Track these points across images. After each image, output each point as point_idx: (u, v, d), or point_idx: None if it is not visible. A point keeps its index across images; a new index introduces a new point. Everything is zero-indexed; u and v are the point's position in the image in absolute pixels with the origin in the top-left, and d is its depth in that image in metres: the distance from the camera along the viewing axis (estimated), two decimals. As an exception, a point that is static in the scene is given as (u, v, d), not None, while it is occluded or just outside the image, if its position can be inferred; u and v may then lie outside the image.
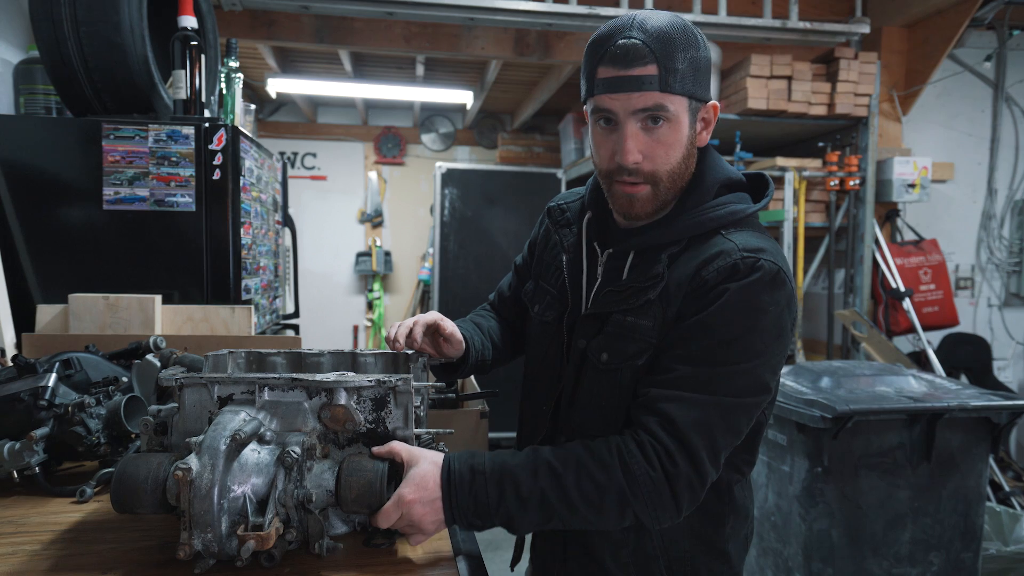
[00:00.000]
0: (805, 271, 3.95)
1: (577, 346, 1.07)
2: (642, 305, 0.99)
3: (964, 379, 4.04)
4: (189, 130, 1.94)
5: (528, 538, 1.22)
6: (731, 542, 1.08)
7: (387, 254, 6.18)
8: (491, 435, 1.33)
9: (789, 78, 3.60)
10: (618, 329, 1.01)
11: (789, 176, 3.65)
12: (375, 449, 0.94)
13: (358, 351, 1.22)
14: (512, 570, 1.29)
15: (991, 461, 3.38)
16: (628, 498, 0.91)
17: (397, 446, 0.94)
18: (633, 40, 0.93)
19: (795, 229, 3.72)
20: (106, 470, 1.17)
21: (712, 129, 1.04)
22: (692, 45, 0.95)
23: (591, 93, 0.98)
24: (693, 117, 0.99)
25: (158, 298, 1.80)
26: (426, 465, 0.92)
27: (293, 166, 6.07)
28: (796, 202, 3.72)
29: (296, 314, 2.89)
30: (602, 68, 0.96)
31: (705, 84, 0.98)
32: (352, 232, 6.22)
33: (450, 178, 4.97)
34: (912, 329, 3.82)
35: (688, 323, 0.95)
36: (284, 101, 5.92)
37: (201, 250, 1.96)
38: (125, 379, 1.31)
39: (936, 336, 4.10)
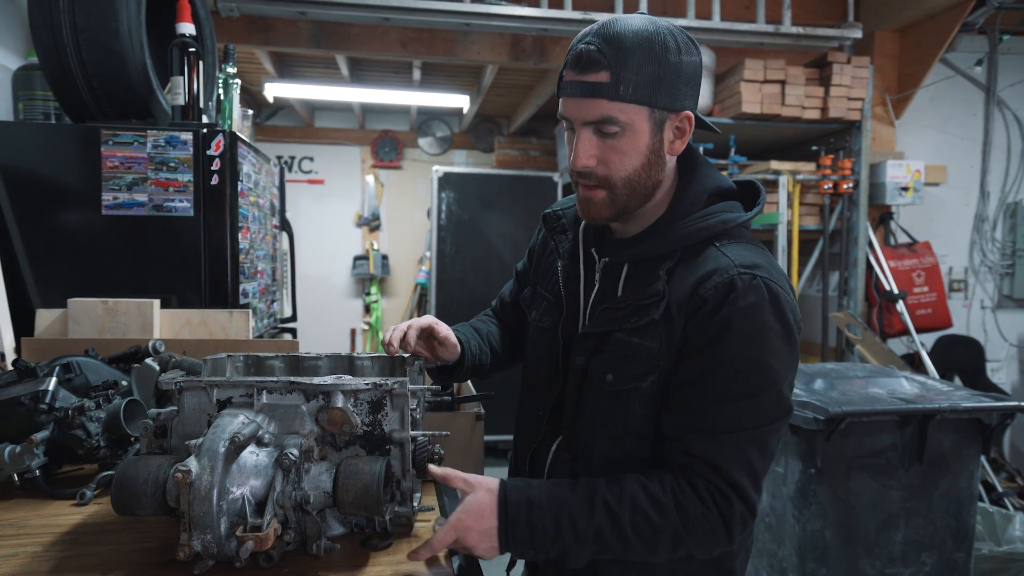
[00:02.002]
0: (799, 274, 3.97)
1: (576, 363, 1.06)
2: (646, 325, 0.98)
3: (958, 381, 4.06)
4: (187, 136, 1.95)
5: None
6: (738, 558, 1.09)
7: (384, 258, 6.19)
8: (487, 438, 1.35)
9: (783, 82, 3.63)
10: (622, 349, 1.00)
11: (783, 180, 3.68)
12: (431, 469, 0.98)
13: (355, 354, 1.23)
14: (508, 574, 1.29)
15: (984, 462, 3.40)
16: (683, 538, 0.94)
17: (452, 473, 0.97)
18: (589, 46, 0.93)
19: (789, 232, 3.74)
20: (106, 473, 1.19)
21: (687, 138, 1.02)
22: (659, 54, 0.92)
23: (558, 95, 1.00)
24: (657, 126, 0.97)
25: (156, 302, 1.81)
26: (482, 493, 0.95)
27: (290, 170, 6.08)
28: (790, 205, 3.75)
29: (294, 318, 2.90)
30: (566, 70, 0.98)
31: (674, 94, 0.95)
32: (349, 236, 6.23)
33: (447, 182, 4.99)
34: (906, 331, 3.85)
35: (703, 359, 0.95)
36: (281, 105, 5.93)
37: (199, 254, 1.98)
38: (124, 383, 1.32)
39: (930, 338, 4.13)
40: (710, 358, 0.95)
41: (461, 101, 5.00)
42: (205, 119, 2.07)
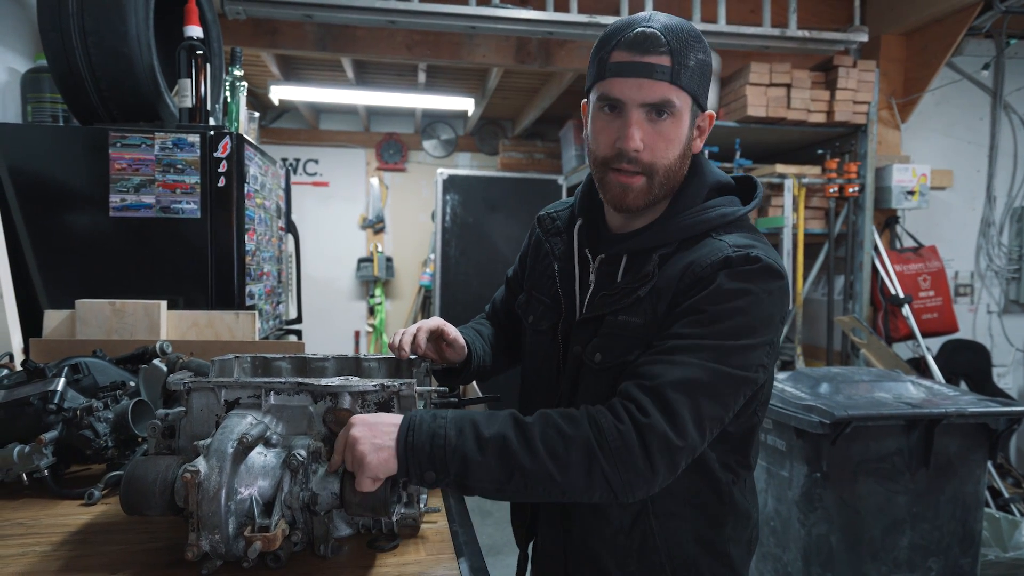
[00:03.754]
0: (804, 278, 3.96)
1: (573, 353, 1.07)
2: (632, 303, 1.00)
3: (964, 385, 4.05)
4: (194, 138, 1.96)
5: (530, 552, 1.22)
6: (732, 544, 1.08)
7: (388, 260, 6.20)
8: (492, 440, 1.37)
9: (788, 86, 3.63)
10: (611, 329, 1.02)
11: (788, 183, 3.67)
12: (336, 410, 0.94)
13: (362, 356, 1.24)
14: None
15: (990, 467, 3.39)
16: (595, 452, 0.85)
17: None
18: (652, 29, 0.95)
19: (794, 236, 3.74)
20: (114, 473, 1.19)
21: (706, 138, 1.06)
22: (702, 48, 0.98)
23: (601, 76, 0.99)
24: (693, 119, 1.01)
25: (163, 304, 1.81)
26: (387, 414, 0.92)
27: (296, 173, 6.10)
28: (795, 209, 3.74)
29: (299, 319, 2.91)
30: (616, 52, 0.97)
31: (707, 91, 1.01)
32: (354, 238, 6.25)
33: (451, 184, 5.00)
34: (911, 335, 3.84)
35: (679, 309, 0.96)
36: (287, 108, 5.95)
37: (206, 256, 1.98)
38: (132, 383, 1.32)
39: (935, 343, 4.11)
40: (686, 307, 0.95)
41: (466, 104, 5.02)
42: (212, 121, 2.08)
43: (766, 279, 0.95)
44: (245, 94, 2.35)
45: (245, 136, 2.08)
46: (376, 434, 0.86)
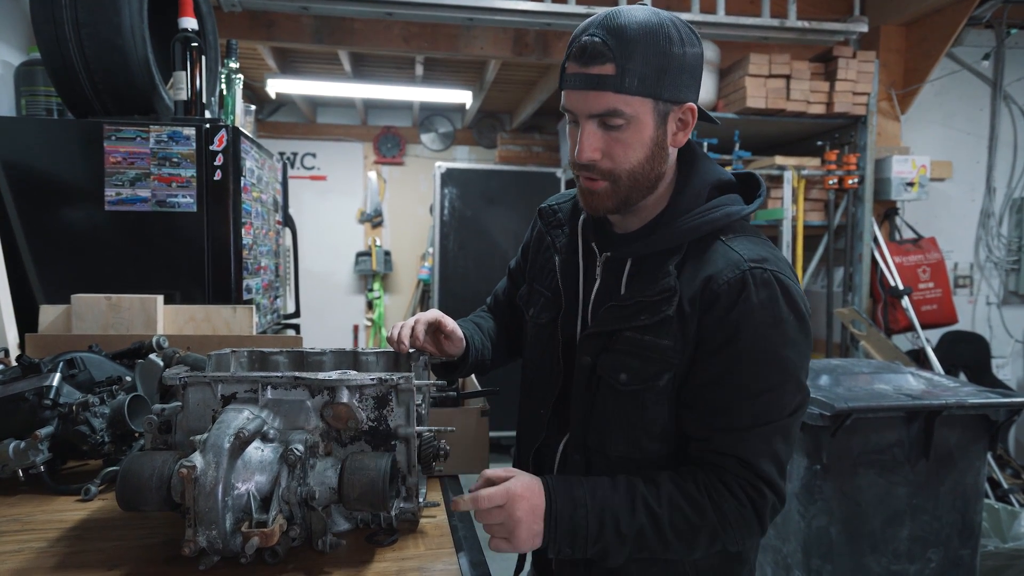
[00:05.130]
0: (804, 270, 3.96)
1: (582, 363, 1.04)
2: (659, 323, 0.97)
3: (963, 377, 4.05)
4: (190, 131, 1.95)
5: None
6: (752, 549, 1.09)
7: (387, 254, 6.18)
8: (492, 434, 1.34)
9: (787, 77, 3.61)
10: (634, 348, 0.99)
11: (788, 175, 3.66)
12: (456, 500, 0.94)
13: (360, 350, 1.23)
14: None
15: (990, 458, 3.39)
16: (719, 535, 0.94)
17: (482, 493, 0.92)
18: (593, 38, 0.92)
19: (794, 228, 3.73)
20: (110, 468, 1.18)
21: (691, 130, 1.01)
22: (663, 45, 0.92)
23: (561, 86, 0.99)
24: (660, 118, 0.96)
25: (160, 298, 1.80)
26: (527, 478, 0.94)
27: (293, 166, 6.08)
28: (795, 201, 3.73)
29: (297, 314, 2.90)
30: (568, 63, 0.97)
31: (678, 85, 0.95)
32: (352, 232, 6.23)
33: (449, 178, 4.98)
34: (911, 327, 3.83)
35: (722, 357, 0.95)
36: (284, 101, 5.92)
37: (202, 250, 1.97)
38: (128, 378, 1.32)
39: (935, 334, 4.11)
40: (729, 356, 0.95)
41: (464, 97, 4.99)
42: (208, 114, 2.06)
43: (789, 296, 0.95)
44: (241, 87, 2.33)
45: (241, 129, 2.06)
46: (535, 517, 0.91)
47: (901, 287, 3.82)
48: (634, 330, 0.99)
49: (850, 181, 3.79)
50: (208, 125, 1.96)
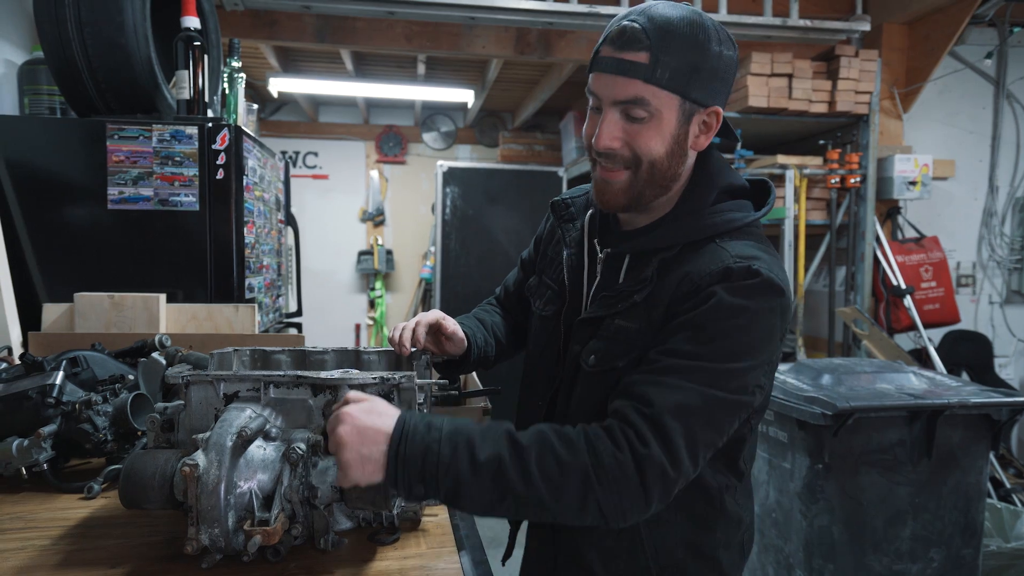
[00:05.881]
0: (806, 269, 3.95)
1: (572, 351, 1.06)
2: (629, 308, 0.98)
3: (965, 376, 4.04)
4: (193, 130, 1.95)
5: (521, 538, 1.21)
6: (721, 548, 1.06)
7: (389, 253, 6.19)
8: (493, 432, 1.37)
9: (790, 76, 3.60)
10: (608, 332, 1.00)
11: (790, 174, 3.66)
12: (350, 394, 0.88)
13: (361, 348, 1.23)
14: (504, 564, 1.30)
15: (992, 458, 3.38)
16: (591, 481, 0.83)
17: (351, 393, 0.88)
18: (634, 24, 0.92)
19: (796, 227, 3.72)
20: (113, 467, 1.19)
21: (713, 135, 1.00)
22: (700, 44, 0.91)
23: (591, 69, 0.98)
24: (685, 118, 0.95)
25: (162, 297, 1.81)
26: (384, 403, 0.87)
27: (295, 165, 6.08)
28: (797, 200, 3.73)
29: (299, 312, 2.90)
30: (603, 46, 0.96)
31: (708, 88, 0.94)
32: (354, 231, 6.23)
33: (451, 177, 4.98)
34: (913, 326, 3.83)
35: (676, 321, 0.93)
36: (286, 100, 5.93)
37: (205, 249, 1.98)
38: (131, 377, 1.32)
39: (937, 333, 4.10)
40: (683, 320, 0.92)
41: (466, 96, 4.99)
42: (210, 113, 2.07)
43: (767, 295, 0.92)
44: (243, 86, 2.33)
45: (243, 128, 2.06)
46: (364, 442, 0.81)
47: (903, 286, 3.81)
48: (611, 316, 1.00)
49: (852, 180, 3.78)
50: (210, 124, 1.96)
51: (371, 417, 0.83)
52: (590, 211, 1.13)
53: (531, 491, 0.82)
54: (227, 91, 2.28)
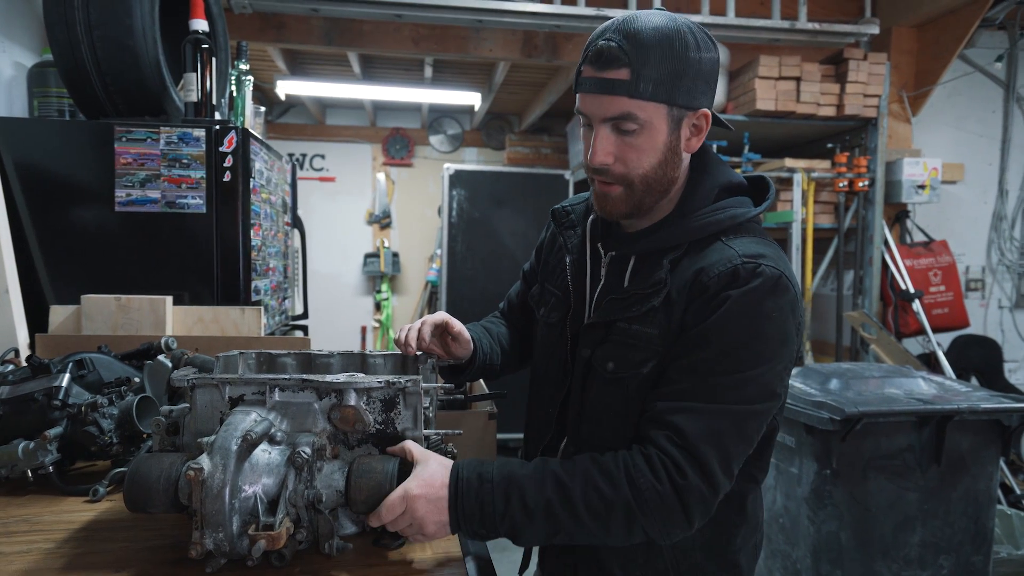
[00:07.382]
0: (814, 272, 3.93)
1: (581, 355, 1.06)
2: (647, 312, 0.98)
3: (974, 381, 4.01)
4: (200, 132, 1.95)
5: (536, 547, 1.21)
6: (742, 552, 1.08)
7: (395, 255, 6.19)
8: (499, 436, 1.34)
9: (798, 79, 3.59)
10: (623, 337, 1.00)
11: (798, 177, 3.64)
12: (389, 449, 0.95)
13: (367, 352, 1.22)
14: None
15: (1002, 464, 3.35)
16: (635, 514, 0.89)
17: (409, 444, 0.95)
18: (609, 43, 0.92)
19: (804, 230, 3.71)
20: (118, 469, 1.18)
21: (704, 136, 1.01)
22: (677, 52, 0.92)
23: (576, 89, 0.99)
24: (674, 124, 0.97)
25: (169, 299, 1.81)
26: (435, 465, 0.92)
27: (302, 168, 6.10)
28: (805, 203, 3.71)
29: (305, 315, 2.90)
30: (584, 66, 0.96)
31: (693, 91, 0.95)
32: (360, 233, 6.24)
33: (458, 179, 4.98)
34: (922, 331, 3.80)
35: (692, 333, 0.95)
36: (293, 103, 5.95)
37: (211, 251, 1.98)
38: (137, 379, 1.32)
39: (946, 338, 4.07)
40: (699, 335, 0.94)
41: (473, 98, 4.99)
42: (218, 116, 2.07)
43: (777, 295, 0.93)
44: (251, 88, 2.34)
45: (251, 131, 2.07)
46: (436, 509, 0.90)
47: (912, 290, 3.79)
48: (626, 320, 1.00)
49: (860, 184, 3.77)
50: (218, 126, 1.97)
51: (430, 483, 0.91)
52: (592, 216, 1.13)
53: (580, 527, 0.90)
54: (235, 93, 2.28)
